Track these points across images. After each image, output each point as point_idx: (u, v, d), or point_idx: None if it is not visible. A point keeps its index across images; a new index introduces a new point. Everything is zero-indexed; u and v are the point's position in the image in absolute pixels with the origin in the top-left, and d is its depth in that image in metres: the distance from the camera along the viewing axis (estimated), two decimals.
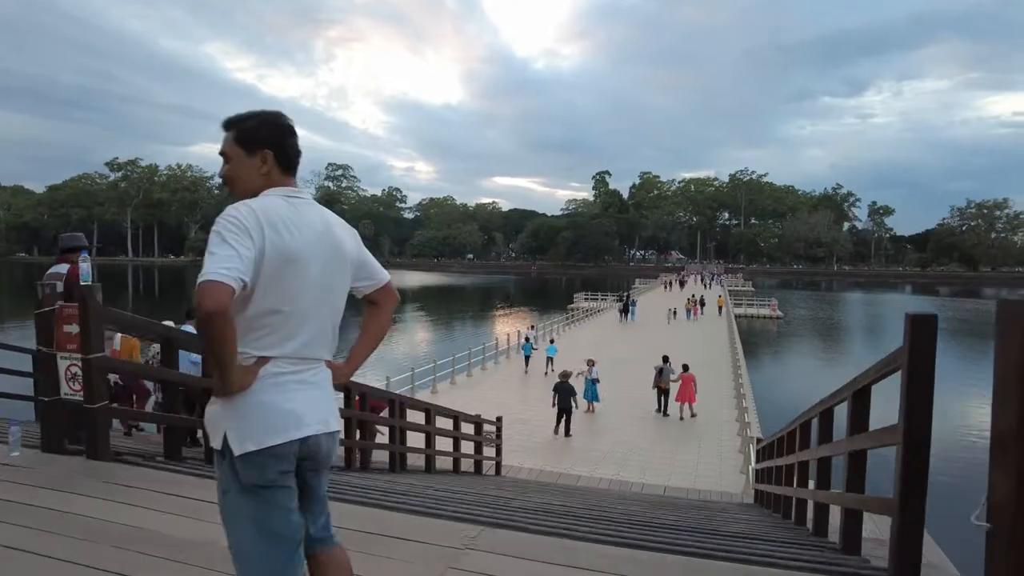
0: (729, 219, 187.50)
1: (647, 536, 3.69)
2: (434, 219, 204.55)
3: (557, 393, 14.86)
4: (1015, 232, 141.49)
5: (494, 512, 3.70)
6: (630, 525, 4.44)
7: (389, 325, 2.28)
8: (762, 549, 3.60)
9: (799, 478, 5.52)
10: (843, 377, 18.05)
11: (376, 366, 28.89)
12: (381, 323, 2.26)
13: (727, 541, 3.94)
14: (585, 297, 59.60)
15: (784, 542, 4.08)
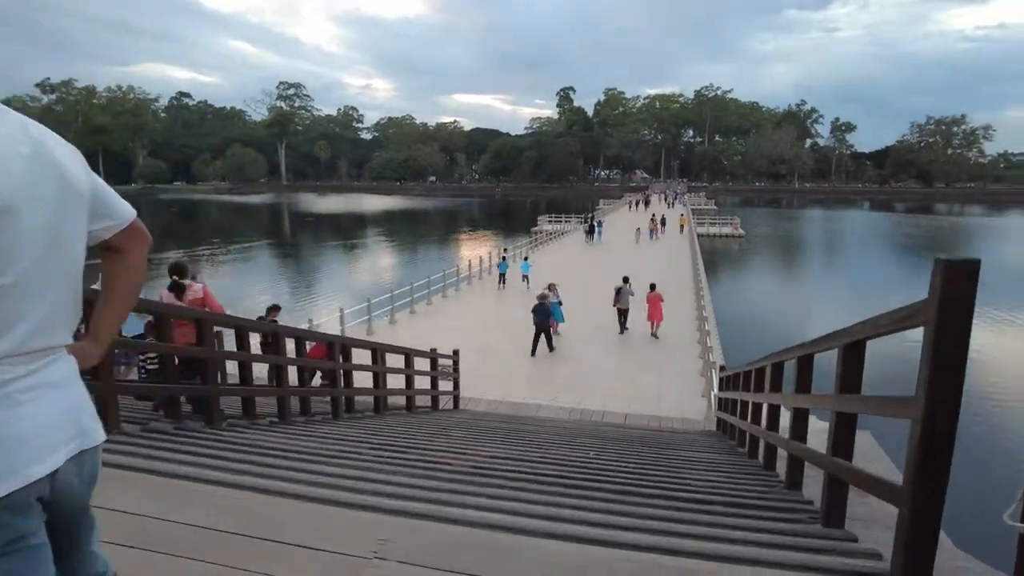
0: (693, 137, 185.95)
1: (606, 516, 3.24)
2: (393, 140, 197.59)
3: (535, 315, 15.16)
4: (970, 148, 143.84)
5: (420, 490, 3.14)
6: (585, 487, 3.99)
7: (142, 278, 1.56)
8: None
9: (769, 420, 5.10)
10: (802, 296, 17.96)
11: (332, 297, 28.17)
12: (131, 277, 1.54)
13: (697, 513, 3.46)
14: (549, 219, 58.80)
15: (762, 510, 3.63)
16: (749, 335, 21.30)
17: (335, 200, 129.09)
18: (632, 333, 17.19)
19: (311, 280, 35.94)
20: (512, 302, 21.99)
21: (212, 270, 39.00)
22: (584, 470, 4.77)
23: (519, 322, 18.60)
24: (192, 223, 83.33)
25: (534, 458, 5.34)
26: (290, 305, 27.12)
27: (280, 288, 32.97)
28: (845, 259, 46.93)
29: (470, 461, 4.58)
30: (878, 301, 22.09)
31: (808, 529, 3.14)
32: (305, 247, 56.56)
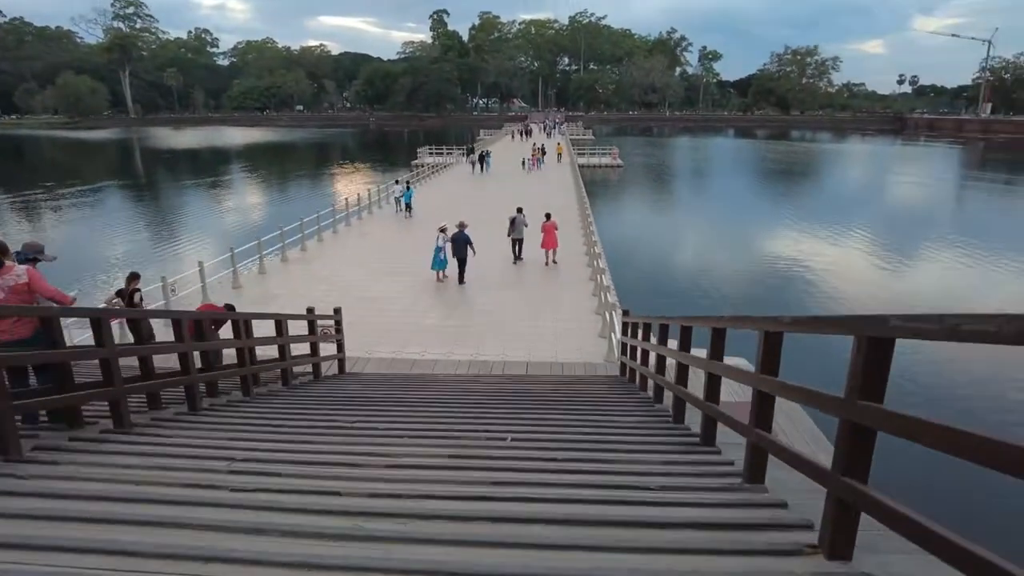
0: (569, 65, 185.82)
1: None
2: (254, 66, 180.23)
3: (454, 243, 15.60)
4: (821, 78, 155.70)
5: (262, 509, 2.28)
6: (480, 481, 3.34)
7: None
8: None
9: (678, 375, 5.56)
10: (681, 224, 17.82)
11: (194, 245, 25.21)
12: None
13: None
14: (430, 151, 56.48)
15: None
16: (634, 263, 21.67)
17: (193, 134, 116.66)
18: (527, 264, 16.85)
19: (169, 227, 31.82)
20: (401, 240, 20.74)
21: (46, 220, 33.79)
22: (493, 456, 4.07)
23: (409, 264, 17.53)
24: (18, 163, 71.61)
25: (429, 431, 4.56)
26: (149, 257, 24.05)
27: (134, 238, 29.00)
28: (718, 186, 49.26)
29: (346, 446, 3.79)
30: (747, 227, 23.21)
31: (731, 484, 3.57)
32: (161, 188, 50.59)
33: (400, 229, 23.27)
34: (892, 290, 20.11)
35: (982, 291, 19.95)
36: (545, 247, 17.42)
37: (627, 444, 4.75)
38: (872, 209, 37.90)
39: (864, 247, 26.24)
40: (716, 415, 4.33)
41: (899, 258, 24.27)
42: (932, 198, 43.22)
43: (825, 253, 24.79)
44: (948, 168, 64.84)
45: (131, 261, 23.13)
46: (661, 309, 17.48)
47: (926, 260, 24.32)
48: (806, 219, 32.11)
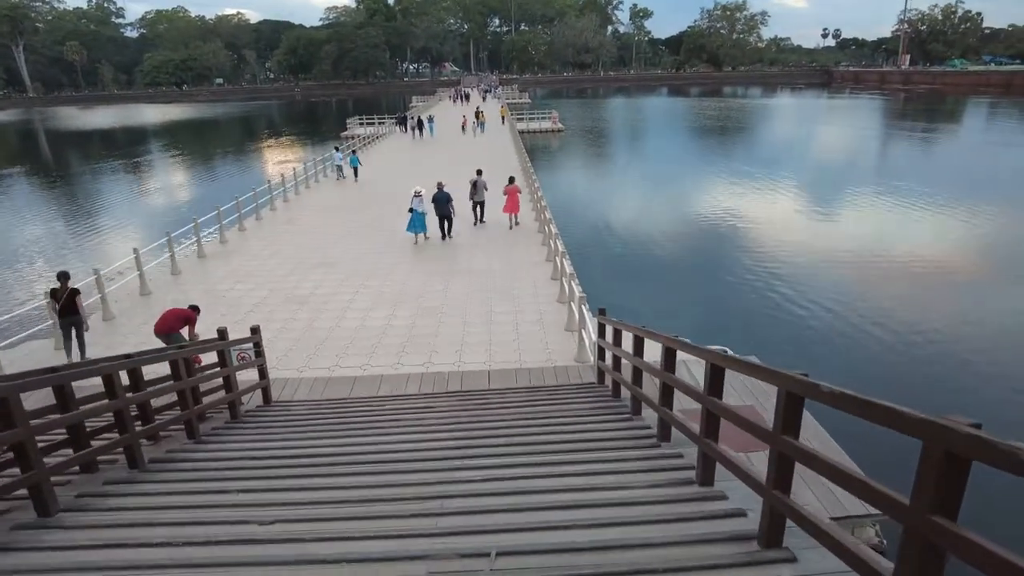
0: (500, 26, 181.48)
1: None
2: (166, 38, 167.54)
3: (436, 203, 16.37)
4: (750, 33, 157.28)
5: None
6: None
7: None
8: None
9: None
10: (628, 186, 16.23)
11: (85, 251, 22.30)
12: None
13: None
14: (360, 121, 53.34)
15: None
16: (592, 237, 20.56)
17: (104, 113, 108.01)
18: (490, 230, 15.79)
19: (79, 217, 28.52)
20: (333, 224, 18.81)
21: None
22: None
23: (344, 251, 15.80)
24: None
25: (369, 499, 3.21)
26: (58, 251, 21.31)
27: (41, 230, 26.19)
28: (660, 147, 48.50)
29: None
30: (690, 186, 23.40)
31: None
32: (70, 173, 45.89)
33: (332, 211, 21.26)
34: (824, 237, 21.32)
35: (904, 234, 21.55)
36: (508, 211, 17.76)
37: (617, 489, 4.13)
38: (805, 161, 39.61)
39: (798, 198, 28.12)
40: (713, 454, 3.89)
41: (830, 206, 26.03)
42: (860, 148, 44.29)
43: (762, 206, 26.03)
44: (873, 119, 66.46)
45: (41, 255, 21.81)
46: (620, 279, 17.07)
47: (856, 207, 25.81)
48: (743, 174, 32.86)
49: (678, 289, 16.64)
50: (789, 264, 17.94)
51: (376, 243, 16.74)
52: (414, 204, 16.43)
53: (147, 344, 10.27)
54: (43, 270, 19.49)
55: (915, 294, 15.73)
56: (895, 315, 14.02)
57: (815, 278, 16.69)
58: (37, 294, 14.81)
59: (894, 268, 17.69)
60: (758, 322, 13.94)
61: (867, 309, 14.40)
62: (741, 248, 19.75)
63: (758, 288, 16.06)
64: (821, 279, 16.59)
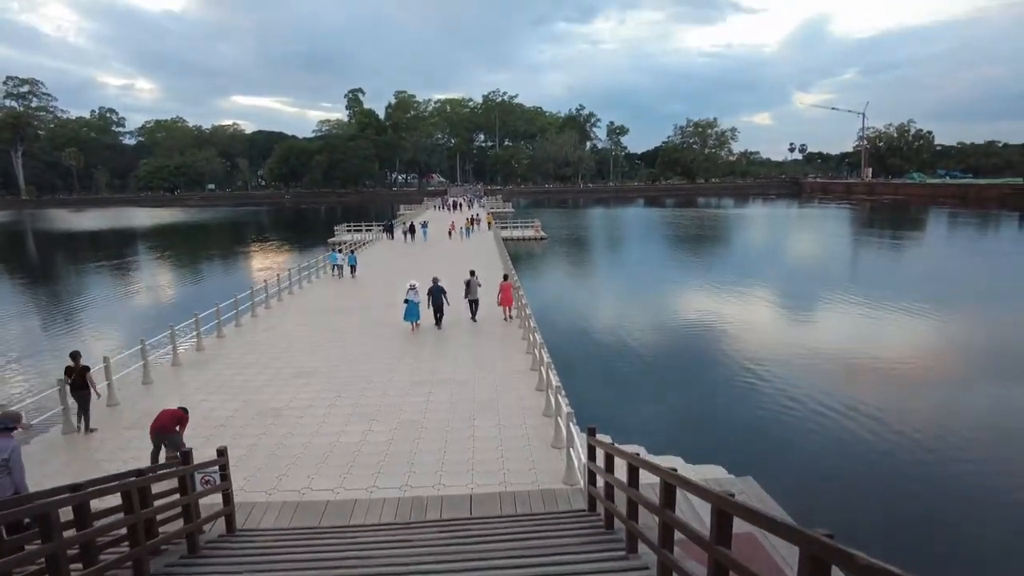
0: (485, 141, 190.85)
1: None
2: (162, 145, 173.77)
3: (431, 295, 18.35)
4: (722, 148, 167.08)
5: None
6: None
7: None
8: None
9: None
10: (609, 291, 16.56)
11: (56, 352, 21.59)
12: None
13: None
14: (348, 227, 54.35)
15: None
16: (577, 348, 20.34)
17: (94, 216, 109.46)
18: (482, 333, 15.19)
19: (55, 317, 28.10)
20: (311, 332, 18.44)
21: None
22: None
23: (322, 361, 15.36)
24: None
25: None
26: (32, 352, 20.57)
27: (21, 329, 25.92)
28: (639, 254, 49.65)
29: None
30: (669, 290, 23.94)
31: None
32: (53, 273, 45.66)
33: (314, 316, 20.99)
34: (806, 342, 21.51)
35: (884, 337, 22.06)
36: (503, 304, 19.56)
37: None
38: (779, 266, 40.79)
39: (777, 303, 28.90)
40: None
41: (810, 311, 26.90)
42: (831, 254, 45.84)
43: (744, 312, 26.47)
44: (845, 227, 69.26)
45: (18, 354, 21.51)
46: (605, 388, 16.77)
47: (835, 311, 26.52)
48: (722, 281, 33.55)
49: (665, 397, 16.33)
50: (771, 369, 17.90)
51: (356, 351, 16.39)
52: (409, 296, 18.33)
53: (115, 459, 9.65)
54: (6, 374, 18.73)
55: (893, 394, 15.89)
56: (879, 416, 14.18)
57: (798, 382, 16.65)
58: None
59: (875, 370, 17.79)
60: (746, 430, 13.62)
61: (852, 412, 14.45)
62: (723, 355, 19.76)
63: (743, 395, 15.91)
64: (803, 383, 16.53)
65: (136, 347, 14.55)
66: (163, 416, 9.43)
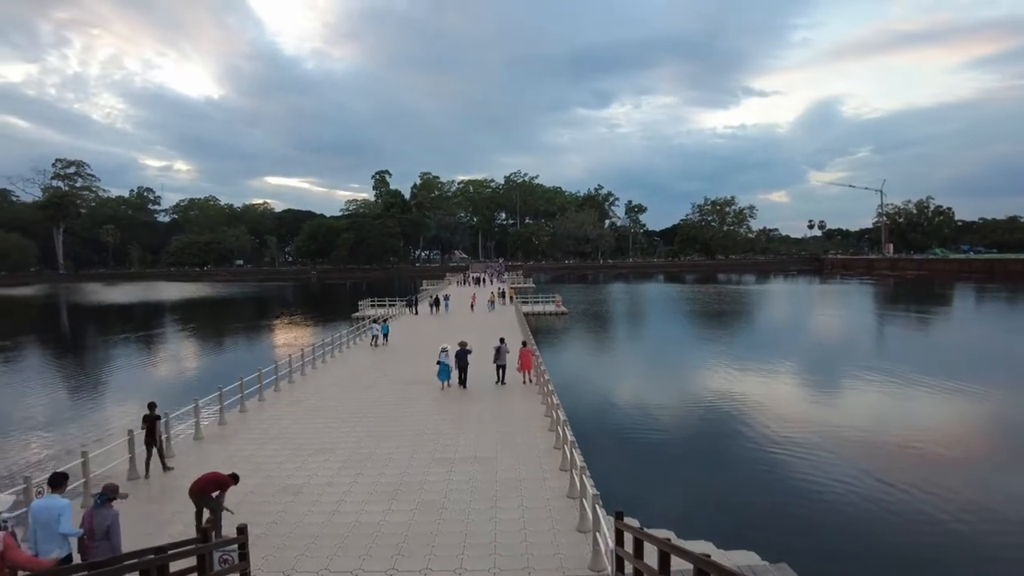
0: (506, 219, 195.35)
1: None
2: (195, 222, 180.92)
3: (458, 357, 20.39)
4: (740, 225, 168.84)
5: None
6: None
7: None
8: None
9: None
10: (632, 372, 18.46)
11: (78, 423, 21.85)
12: None
13: None
14: (372, 303, 55.20)
15: None
16: (601, 425, 19.95)
17: (127, 289, 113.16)
18: (503, 395, 14.90)
19: (79, 391, 28.60)
20: (334, 407, 18.36)
21: None
22: None
23: (342, 436, 15.24)
24: None
25: None
26: (58, 421, 20.77)
27: (36, 401, 26.47)
28: (662, 329, 49.30)
29: None
30: (697, 367, 23.72)
31: None
32: (84, 344, 46.94)
33: (337, 390, 20.98)
34: (835, 419, 21.00)
35: (906, 414, 21.56)
36: (522, 369, 21.01)
37: None
38: (804, 342, 40.30)
39: (798, 377, 28.60)
40: None
41: (832, 385, 26.60)
42: (857, 330, 45.05)
43: (770, 389, 25.99)
44: (867, 303, 68.41)
45: (42, 424, 22.23)
46: (631, 467, 16.29)
47: (855, 386, 26.14)
48: (747, 357, 33.05)
49: (692, 478, 15.85)
50: (800, 448, 17.52)
51: (376, 427, 16.27)
52: (441, 357, 20.60)
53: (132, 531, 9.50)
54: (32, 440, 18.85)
55: (929, 474, 15.31)
56: (914, 497, 13.73)
57: (828, 461, 16.26)
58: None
59: (908, 449, 17.22)
60: (777, 512, 13.16)
61: (887, 494, 13.99)
62: (750, 433, 19.28)
63: (772, 475, 15.48)
64: (834, 463, 16.16)
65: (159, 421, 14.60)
66: (202, 479, 9.53)
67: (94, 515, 7.19)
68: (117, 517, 7.29)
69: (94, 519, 7.12)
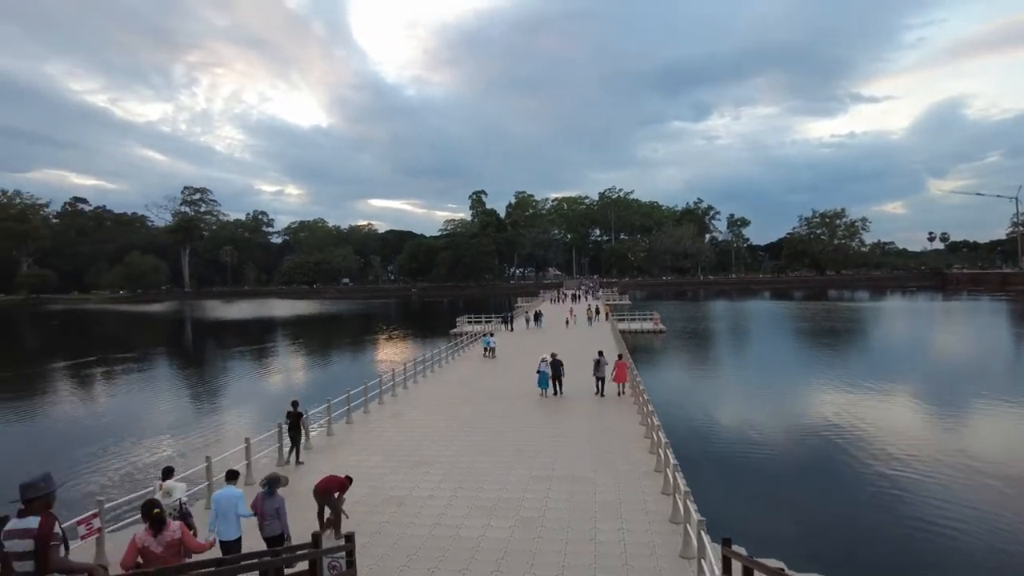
0: (600, 235, 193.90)
1: None
2: (305, 243, 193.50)
3: (553, 367, 22.11)
4: (852, 238, 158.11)
5: None
6: None
7: None
8: None
9: None
10: (738, 395, 17.79)
11: (200, 429, 23.61)
12: None
13: None
14: (469, 320, 56.38)
15: None
16: (704, 448, 19.10)
17: (242, 306, 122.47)
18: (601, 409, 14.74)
19: (205, 397, 31.46)
20: (437, 417, 18.80)
21: (97, 388, 35.37)
22: None
23: (441, 450, 15.53)
24: (78, 334, 76.92)
25: None
26: (179, 429, 22.72)
27: (174, 407, 29.14)
28: (774, 350, 46.80)
29: None
30: (817, 391, 22.13)
31: None
32: (206, 356, 51.43)
33: (438, 404, 21.47)
34: (955, 443, 19.19)
35: None
36: (617, 380, 21.76)
37: None
38: (928, 364, 37.15)
39: (922, 401, 26.10)
40: None
41: (961, 411, 24.01)
42: (991, 353, 40.50)
43: (894, 416, 23.77)
44: (1001, 322, 61.69)
45: (167, 431, 23.91)
46: (736, 494, 15.45)
47: (990, 413, 23.36)
48: (865, 380, 30.43)
49: (802, 505, 14.82)
50: (923, 477, 15.98)
51: (475, 440, 16.47)
52: (541, 367, 22.19)
53: None
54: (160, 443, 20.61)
55: None
56: None
57: (955, 493, 14.69)
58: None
59: None
60: (895, 545, 12.04)
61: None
62: (867, 459, 17.86)
63: (891, 505, 14.23)
64: (962, 494, 14.53)
65: (272, 430, 15.55)
66: (325, 481, 10.55)
67: (264, 501, 8.58)
68: (283, 502, 8.73)
69: (265, 504, 8.55)
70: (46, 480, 4.93)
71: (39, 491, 4.85)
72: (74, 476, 18.13)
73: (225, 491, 8.66)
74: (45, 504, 4.85)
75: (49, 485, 4.92)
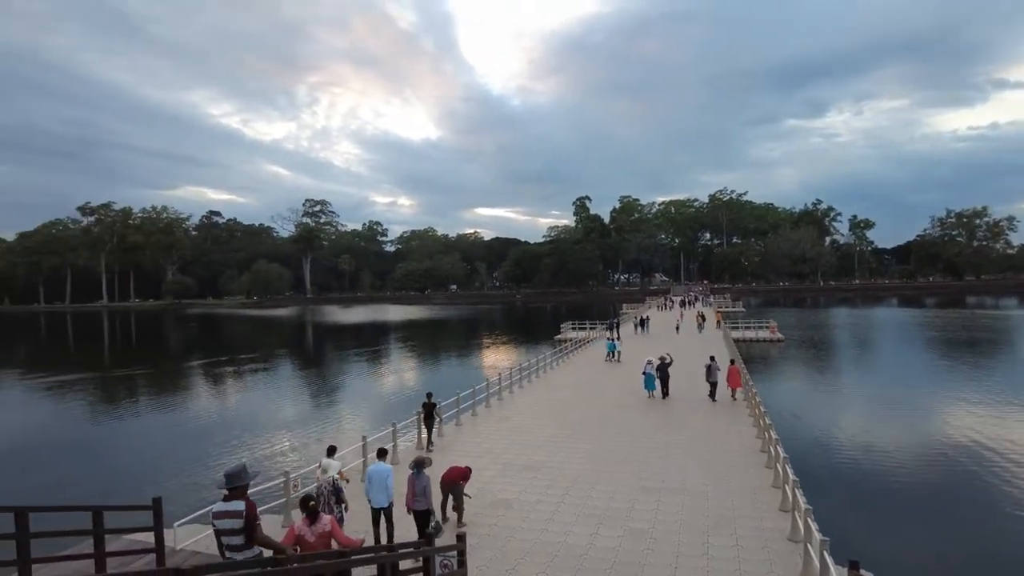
0: (711, 239, 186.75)
1: None
2: (416, 251, 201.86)
3: (659, 370, 22.79)
4: (995, 240, 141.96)
5: None
6: None
7: None
8: None
9: None
10: (864, 407, 16.67)
11: (348, 417, 25.16)
12: None
13: None
14: (573, 326, 56.26)
15: None
16: (827, 466, 17.87)
17: (359, 311, 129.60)
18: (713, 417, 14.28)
19: (327, 394, 33.97)
20: (551, 417, 18.92)
21: (228, 385, 38.69)
22: None
23: (550, 455, 15.59)
24: (213, 336, 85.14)
25: None
26: (306, 425, 24.47)
27: (296, 404, 31.68)
28: (902, 361, 43.02)
29: None
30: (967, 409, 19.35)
31: None
32: (325, 357, 55.08)
33: (546, 408, 21.59)
34: None
35: None
36: (731, 386, 22.19)
37: None
38: None
39: None
40: None
41: None
42: None
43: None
44: None
45: (292, 427, 25.70)
46: (862, 516, 14.29)
47: None
48: (1005, 393, 26.89)
49: (934, 528, 13.46)
50: None
51: (580, 447, 16.41)
52: (647, 369, 23.00)
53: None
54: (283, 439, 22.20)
55: None
56: None
57: None
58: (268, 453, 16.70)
59: None
60: None
61: None
62: (1010, 484, 16.01)
63: None
64: None
65: (387, 429, 16.29)
66: (452, 472, 11.48)
67: (416, 480, 10.20)
68: (429, 481, 10.26)
69: (416, 483, 10.16)
70: (245, 470, 6.02)
71: (241, 480, 5.94)
72: (217, 464, 19.92)
73: (377, 466, 10.29)
74: (244, 490, 5.93)
75: (247, 475, 6.00)
